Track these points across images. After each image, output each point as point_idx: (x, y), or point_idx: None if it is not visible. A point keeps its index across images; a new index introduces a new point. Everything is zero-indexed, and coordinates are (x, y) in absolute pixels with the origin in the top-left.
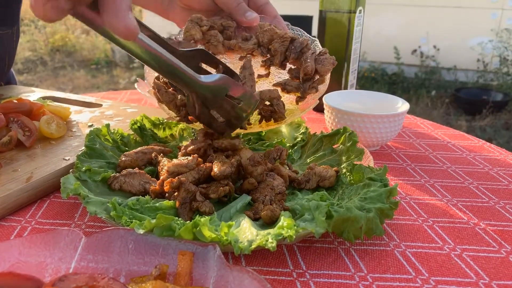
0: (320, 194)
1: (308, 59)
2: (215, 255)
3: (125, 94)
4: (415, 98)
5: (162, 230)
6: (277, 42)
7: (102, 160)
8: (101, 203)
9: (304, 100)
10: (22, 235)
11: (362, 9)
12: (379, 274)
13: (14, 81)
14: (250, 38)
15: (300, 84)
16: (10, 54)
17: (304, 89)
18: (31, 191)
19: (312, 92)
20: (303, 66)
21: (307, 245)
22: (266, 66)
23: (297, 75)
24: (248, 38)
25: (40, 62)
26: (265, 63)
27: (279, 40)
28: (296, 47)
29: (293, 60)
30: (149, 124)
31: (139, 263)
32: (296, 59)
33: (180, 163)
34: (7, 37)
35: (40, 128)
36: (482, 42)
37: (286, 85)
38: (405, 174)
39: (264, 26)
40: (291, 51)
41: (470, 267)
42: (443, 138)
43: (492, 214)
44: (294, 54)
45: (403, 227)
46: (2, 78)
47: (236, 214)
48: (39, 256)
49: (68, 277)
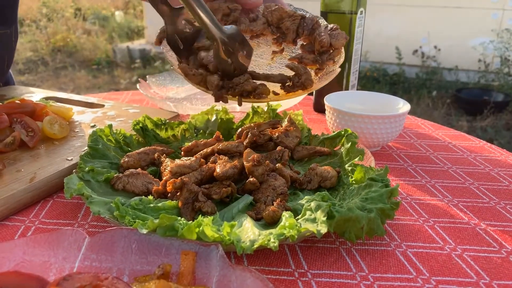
0: (322, 195)
1: (322, 33)
2: (218, 255)
3: (127, 95)
4: (416, 98)
5: (165, 230)
6: (288, 20)
7: (105, 161)
8: (104, 203)
9: (323, 71)
10: (26, 234)
11: (363, 10)
12: (380, 274)
13: (12, 82)
14: (257, 18)
15: (316, 57)
16: (9, 54)
17: (323, 61)
18: (34, 191)
19: (330, 63)
20: (319, 39)
21: (309, 245)
22: (278, 43)
23: (310, 49)
24: (255, 18)
25: (41, 62)
26: (277, 40)
27: (290, 19)
28: (308, 24)
29: (305, 36)
30: (151, 124)
31: (142, 263)
32: (308, 35)
33: (183, 164)
34: (6, 37)
35: (43, 129)
36: (483, 42)
37: (303, 58)
38: (406, 175)
39: (271, 7)
40: (303, 28)
41: (471, 267)
42: (444, 139)
43: (493, 215)
44: (307, 30)
45: (404, 227)
46: (1, 78)
47: (238, 214)
48: (44, 256)
49: (72, 276)
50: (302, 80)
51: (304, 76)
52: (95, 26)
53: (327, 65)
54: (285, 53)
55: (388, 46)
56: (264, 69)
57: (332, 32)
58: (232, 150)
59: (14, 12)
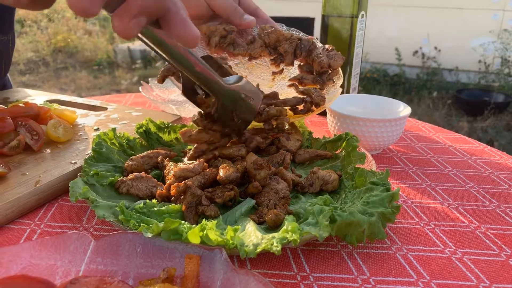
0: (324, 198)
1: (320, 54)
2: (222, 259)
3: (129, 97)
4: (416, 99)
5: (170, 234)
6: (286, 43)
7: (109, 164)
8: (109, 207)
9: (324, 91)
10: (32, 237)
11: (364, 13)
12: (381, 277)
13: (10, 85)
14: (254, 40)
15: (316, 77)
16: (6, 60)
17: (323, 81)
18: (39, 194)
19: (330, 83)
20: (318, 60)
21: (311, 248)
22: (276, 64)
23: (308, 70)
24: (253, 40)
25: (42, 63)
26: (275, 61)
27: (287, 41)
28: (305, 46)
29: (303, 58)
30: (154, 128)
31: (147, 266)
32: (306, 57)
33: (187, 168)
34: (3, 44)
35: (48, 132)
36: (484, 43)
37: (303, 79)
38: (407, 178)
39: (266, 28)
40: (301, 50)
41: (471, 271)
42: (444, 142)
43: (493, 218)
44: (304, 52)
45: (405, 230)
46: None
47: (241, 218)
48: (50, 259)
49: (79, 280)
50: (315, 99)
51: (315, 94)
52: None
53: (327, 85)
54: (284, 74)
55: (388, 47)
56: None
57: (329, 53)
58: (233, 155)
59: (11, 19)
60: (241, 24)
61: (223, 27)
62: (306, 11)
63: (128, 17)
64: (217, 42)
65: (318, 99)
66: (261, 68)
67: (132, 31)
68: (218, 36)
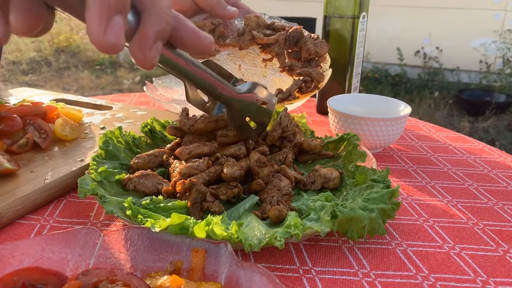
0: (325, 195)
1: (307, 42)
2: (227, 252)
3: (134, 97)
4: (418, 99)
5: (176, 228)
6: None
7: (116, 162)
8: (117, 203)
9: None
10: (42, 232)
11: (365, 14)
12: (381, 271)
13: None
14: (244, 33)
15: (305, 64)
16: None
17: (311, 67)
18: (48, 191)
19: (318, 68)
20: (305, 48)
21: (313, 243)
22: (265, 51)
23: (295, 57)
24: (243, 33)
25: (45, 62)
26: (264, 49)
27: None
28: (293, 38)
29: (292, 46)
30: (159, 126)
31: (155, 260)
32: (294, 45)
33: (192, 165)
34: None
35: (55, 131)
36: (485, 43)
37: (293, 65)
38: (407, 176)
39: (251, 18)
40: (289, 43)
41: (469, 265)
42: (444, 141)
43: (491, 215)
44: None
45: (405, 226)
46: None
47: (245, 214)
48: (61, 253)
49: (90, 272)
50: (315, 77)
51: (314, 73)
52: None
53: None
54: (275, 60)
55: (389, 47)
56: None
57: (315, 41)
58: (235, 154)
59: None
60: (225, 15)
61: (210, 21)
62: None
63: (148, 46)
64: None
65: (318, 77)
66: (252, 56)
67: (154, 59)
68: (207, 30)
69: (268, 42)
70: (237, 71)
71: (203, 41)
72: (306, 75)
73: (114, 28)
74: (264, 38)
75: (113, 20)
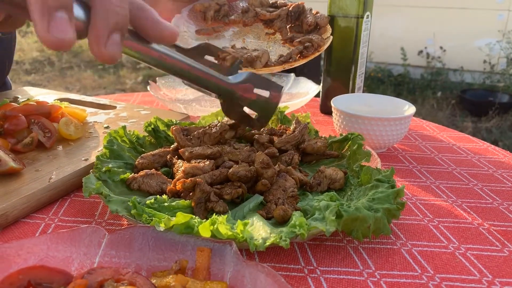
0: (330, 195)
1: (308, 15)
2: (232, 251)
3: (137, 96)
4: (421, 99)
5: (181, 227)
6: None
7: (120, 161)
8: (122, 202)
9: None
10: (47, 231)
11: (369, 14)
12: (386, 271)
13: (10, 85)
14: (248, 10)
15: (305, 35)
16: (9, 58)
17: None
18: (53, 190)
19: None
20: (305, 20)
21: (317, 243)
22: (268, 26)
23: (297, 30)
24: (247, 10)
25: (48, 62)
26: (267, 24)
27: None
28: (295, 13)
29: (294, 21)
30: (162, 126)
31: (159, 259)
32: (296, 20)
33: (197, 166)
34: (7, 41)
35: (59, 130)
36: (489, 43)
37: (294, 37)
38: (411, 176)
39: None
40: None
41: (474, 265)
42: (448, 141)
43: (496, 215)
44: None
45: (410, 226)
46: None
47: (249, 213)
48: (66, 252)
49: (96, 270)
50: (315, 41)
51: (315, 38)
52: None
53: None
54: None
55: (393, 46)
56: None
57: (316, 15)
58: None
59: None
60: None
61: (215, 2)
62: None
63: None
64: (212, 15)
65: (318, 41)
66: (256, 32)
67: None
68: (212, 10)
69: (270, 17)
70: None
71: (164, 32)
72: (307, 41)
73: (57, 23)
74: (267, 14)
75: (55, 15)
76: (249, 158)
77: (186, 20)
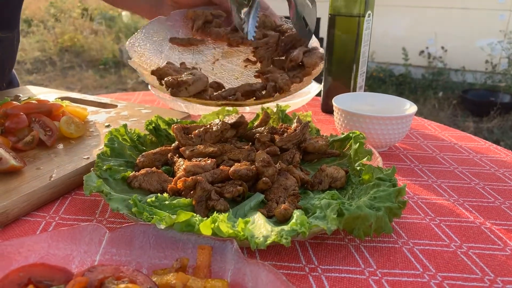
0: (331, 193)
1: (296, 50)
2: (233, 249)
3: (138, 95)
4: (422, 99)
5: (182, 225)
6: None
7: (121, 159)
8: (123, 200)
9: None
10: (47, 229)
11: (370, 13)
12: (388, 269)
13: (17, 82)
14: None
15: (282, 73)
16: (11, 57)
17: (288, 77)
18: (54, 188)
19: (295, 81)
20: (291, 56)
21: (319, 241)
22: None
23: (280, 66)
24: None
25: (49, 62)
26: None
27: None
28: (286, 44)
29: (283, 53)
30: (163, 124)
31: (160, 257)
32: (285, 52)
33: (198, 164)
34: (8, 41)
35: (60, 128)
36: (490, 43)
37: (268, 72)
38: (413, 175)
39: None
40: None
41: (476, 264)
42: (450, 140)
43: (498, 214)
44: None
45: (411, 225)
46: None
47: (250, 212)
48: (66, 249)
49: (96, 268)
50: (279, 83)
51: (281, 78)
52: (102, 26)
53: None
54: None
55: (394, 46)
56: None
57: (310, 51)
58: (239, 157)
59: (17, 16)
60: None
61: (210, 11)
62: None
63: None
64: (199, 25)
65: (283, 83)
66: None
67: None
68: (202, 20)
69: (256, 45)
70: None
71: None
72: (272, 79)
73: None
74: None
75: None
76: (250, 156)
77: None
